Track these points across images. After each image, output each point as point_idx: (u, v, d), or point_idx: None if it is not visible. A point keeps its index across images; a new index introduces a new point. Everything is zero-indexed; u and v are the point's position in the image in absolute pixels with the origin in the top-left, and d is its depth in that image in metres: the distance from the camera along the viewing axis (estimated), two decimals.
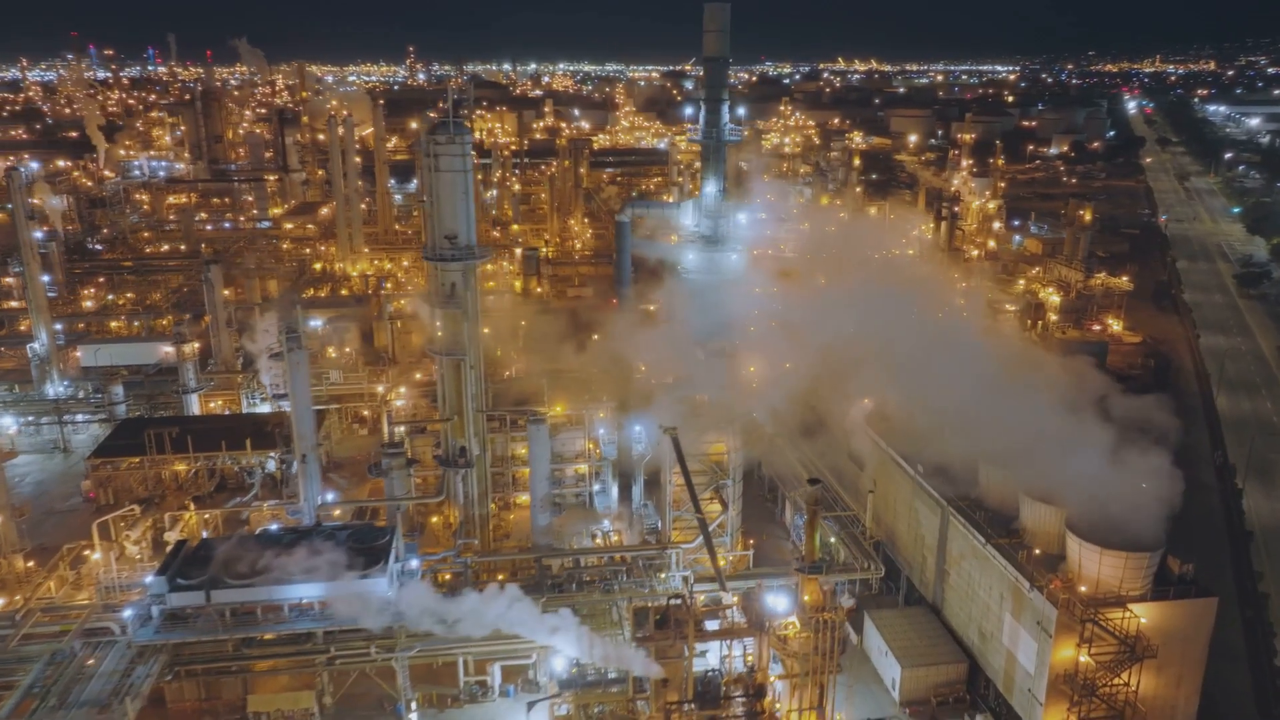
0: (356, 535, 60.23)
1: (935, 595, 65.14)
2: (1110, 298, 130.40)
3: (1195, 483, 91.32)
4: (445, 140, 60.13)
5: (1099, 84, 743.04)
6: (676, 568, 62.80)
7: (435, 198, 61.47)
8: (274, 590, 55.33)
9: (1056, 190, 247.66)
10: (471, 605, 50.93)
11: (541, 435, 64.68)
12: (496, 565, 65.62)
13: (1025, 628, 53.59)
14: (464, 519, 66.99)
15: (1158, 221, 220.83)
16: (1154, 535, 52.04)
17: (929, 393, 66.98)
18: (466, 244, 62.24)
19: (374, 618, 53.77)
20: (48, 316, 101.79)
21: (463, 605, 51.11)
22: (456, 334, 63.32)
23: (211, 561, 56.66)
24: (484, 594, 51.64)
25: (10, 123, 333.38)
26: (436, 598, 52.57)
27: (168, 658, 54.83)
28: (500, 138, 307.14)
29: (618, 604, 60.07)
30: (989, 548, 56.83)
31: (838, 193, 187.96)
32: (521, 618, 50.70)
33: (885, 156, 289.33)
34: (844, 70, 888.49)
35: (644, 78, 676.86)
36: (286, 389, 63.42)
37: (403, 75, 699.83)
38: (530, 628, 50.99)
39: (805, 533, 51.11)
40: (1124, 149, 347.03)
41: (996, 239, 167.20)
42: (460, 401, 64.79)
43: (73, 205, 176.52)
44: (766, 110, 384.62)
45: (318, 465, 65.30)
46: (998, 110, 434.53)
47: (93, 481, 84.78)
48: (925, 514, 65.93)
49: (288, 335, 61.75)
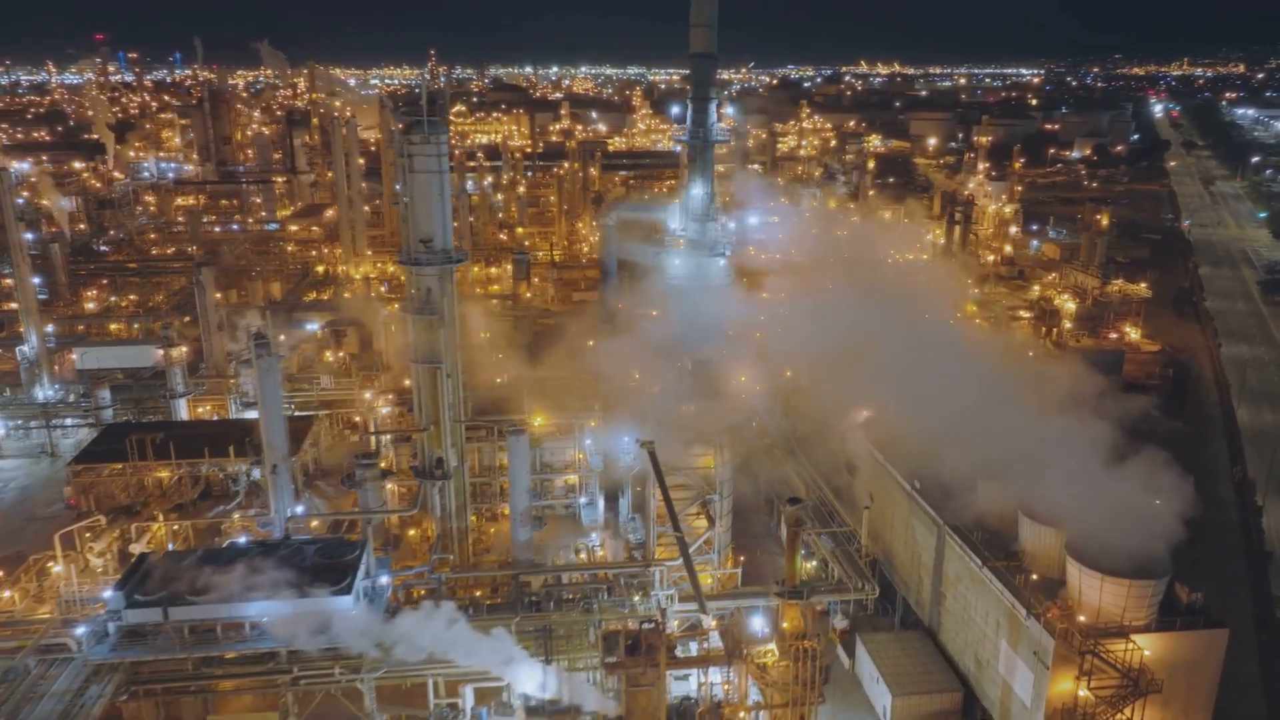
0: (325, 550, 57.91)
1: (931, 618, 62.10)
2: (1128, 305, 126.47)
3: (1212, 499, 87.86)
4: (420, 140, 57.82)
5: (1125, 87, 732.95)
6: (660, 586, 60.15)
7: (410, 199, 59.16)
8: (234, 608, 53.00)
9: (1077, 194, 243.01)
10: (406, 628, 48.15)
11: (521, 447, 62.19)
12: (473, 582, 63.40)
13: (1022, 657, 50.53)
14: (441, 533, 64.56)
15: (1180, 226, 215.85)
16: (1160, 561, 48.84)
17: (927, 404, 64.01)
18: (443, 248, 59.89)
19: (341, 638, 51.49)
20: (38, 319, 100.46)
21: (397, 627, 48.44)
22: (432, 341, 60.98)
23: (171, 576, 54.57)
24: (418, 615, 48.88)
25: (33, 124, 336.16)
26: (371, 618, 50.01)
27: (125, 676, 52.70)
28: (515, 140, 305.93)
29: (595, 624, 57.68)
30: (985, 570, 53.80)
31: (851, 196, 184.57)
32: (458, 642, 47.68)
33: (903, 160, 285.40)
34: (866, 74, 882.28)
35: (665, 80, 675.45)
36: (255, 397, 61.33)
37: (425, 78, 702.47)
38: (468, 653, 47.97)
39: (785, 555, 48.26)
40: (1148, 153, 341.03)
41: (1013, 244, 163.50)
42: (437, 411, 62.40)
43: (81, 206, 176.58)
44: (785, 114, 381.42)
45: (289, 476, 63.09)
46: (1020, 113, 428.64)
47: (74, 488, 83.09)
48: (921, 532, 62.92)
49: (256, 342, 59.60)
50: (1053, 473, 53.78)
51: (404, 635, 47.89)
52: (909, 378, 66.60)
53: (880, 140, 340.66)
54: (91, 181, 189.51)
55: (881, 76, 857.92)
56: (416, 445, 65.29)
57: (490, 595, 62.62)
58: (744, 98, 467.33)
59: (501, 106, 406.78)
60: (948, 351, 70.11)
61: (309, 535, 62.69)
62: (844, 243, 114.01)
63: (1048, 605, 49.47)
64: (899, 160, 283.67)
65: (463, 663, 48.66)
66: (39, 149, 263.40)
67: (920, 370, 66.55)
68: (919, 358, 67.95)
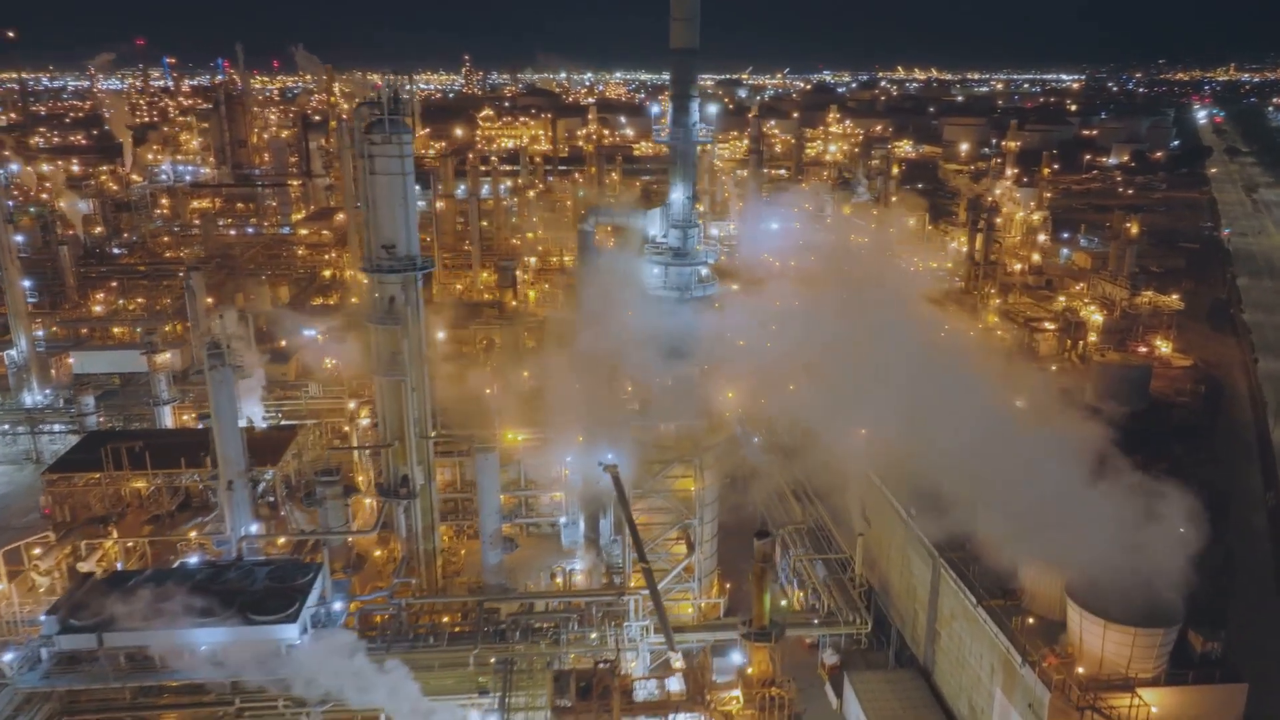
0: (277, 573, 54.61)
1: (926, 657, 57.58)
2: (1158, 317, 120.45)
3: (1243, 528, 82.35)
4: (381, 139, 54.42)
5: (1168, 93, 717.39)
6: (636, 617, 56.32)
7: (371, 203, 55.83)
8: (172, 635, 49.86)
9: (1111, 201, 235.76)
10: (301, 660, 44.48)
11: (490, 466, 58.67)
12: (442, 607, 59.99)
13: (1016, 708, 45.99)
14: (406, 555, 61.12)
15: (1220, 235, 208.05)
16: (1171, 607, 44.13)
17: (928, 422, 59.52)
18: (406, 254, 56.49)
19: (274, 670, 48.13)
20: (28, 323, 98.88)
21: (293, 660, 44.84)
22: (395, 353, 57.57)
23: (111, 599, 51.60)
24: (316, 646, 45.24)
25: (71, 129, 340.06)
26: (270, 648, 46.51)
27: (58, 705, 49.84)
28: (541, 145, 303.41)
29: (562, 658, 53.98)
30: (979, 609, 49.32)
31: (874, 202, 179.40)
32: (353, 675, 43.66)
33: (931, 165, 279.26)
34: (902, 79, 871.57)
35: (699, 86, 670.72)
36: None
37: (460, 83, 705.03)
38: (365, 689, 43.96)
39: (753, 593, 44.21)
40: (1189, 159, 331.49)
41: (1042, 252, 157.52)
42: (402, 426, 58.99)
43: (98, 209, 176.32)
44: (816, 119, 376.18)
45: (246, 493, 60.00)
46: (1057, 119, 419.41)
47: (49, 498, 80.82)
48: (918, 563, 58.47)
49: (209, 352, 56.56)
50: (1057, 502, 49.20)
51: (300, 668, 44.09)
52: (910, 393, 62.09)
53: (911, 145, 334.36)
54: (109, 184, 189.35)
55: (918, 82, 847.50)
56: (381, 461, 61.93)
57: (462, 622, 59.20)
58: (777, 103, 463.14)
59: (531, 111, 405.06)
60: (953, 366, 65.59)
61: (264, 556, 59.45)
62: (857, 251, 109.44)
63: (1044, 652, 44.97)
64: (928, 166, 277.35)
65: (356, 704, 44.68)
66: (74, 152, 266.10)
67: (922, 386, 62.05)
68: (922, 372, 63.42)
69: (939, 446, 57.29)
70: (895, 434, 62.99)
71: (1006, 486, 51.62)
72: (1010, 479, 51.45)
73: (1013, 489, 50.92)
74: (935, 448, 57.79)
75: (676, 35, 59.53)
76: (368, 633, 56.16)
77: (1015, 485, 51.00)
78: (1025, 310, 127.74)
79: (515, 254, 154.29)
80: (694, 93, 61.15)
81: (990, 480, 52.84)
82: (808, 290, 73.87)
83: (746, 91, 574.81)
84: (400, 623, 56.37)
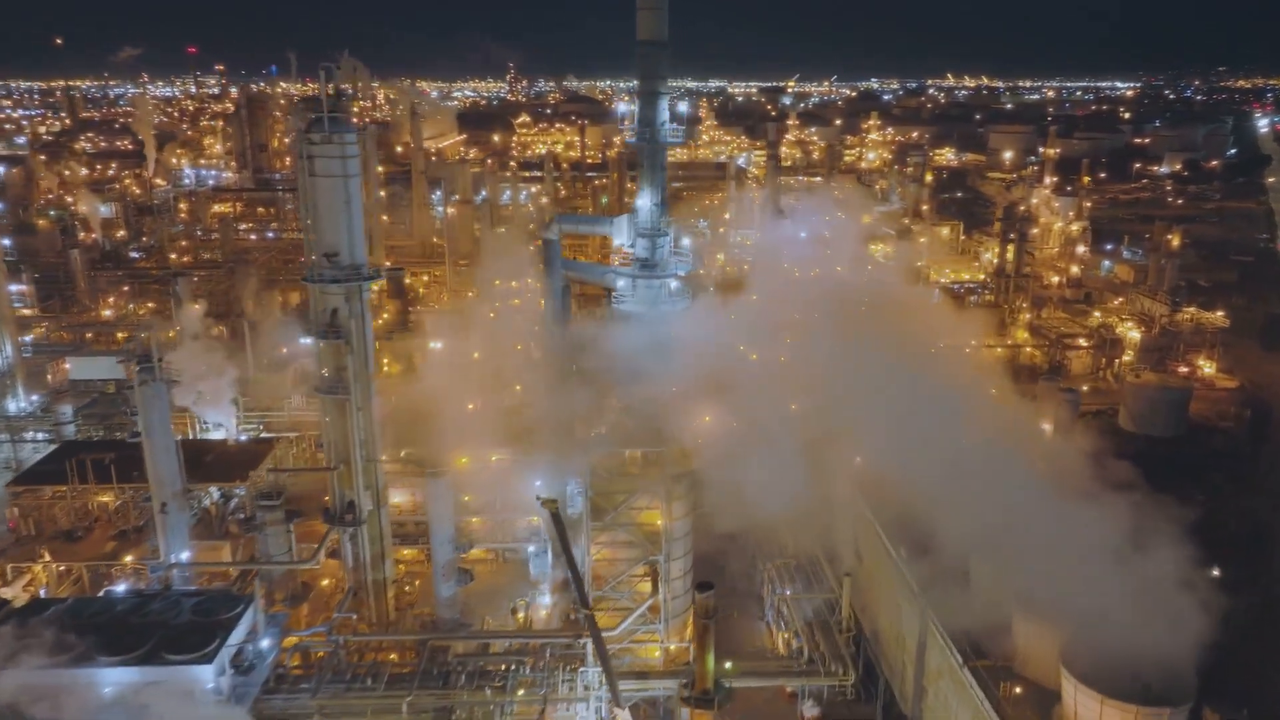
0: (203, 605, 50.65)
1: (914, 715, 51.81)
2: (1201, 334, 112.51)
3: None
4: (320, 139, 50.27)
5: (1227, 100, 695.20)
6: (592, 662, 51.37)
7: (312, 208, 51.68)
8: (77, 675, 46.00)
9: (1159, 211, 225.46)
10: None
11: (442, 491, 54.19)
12: (391, 644, 55.53)
13: None
14: (353, 586, 56.74)
15: (1276, 248, 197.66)
16: (1182, 681, 38.12)
17: (924, 455, 53.83)
18: (351, 263, 52.24)
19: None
20: (13, 329, 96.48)
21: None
22: (339, 369, 53.30)
23: (18, 632, 47.82)
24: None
25: (119, 134, 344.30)
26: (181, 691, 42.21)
27: None
28: (574, 151, 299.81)
29: (507, 706, 49.28)
30: (965, 671, 43.58)
31: (908, 212, 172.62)
32: None
33: (967, 174, 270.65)
34: (951, 86, 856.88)
35: (742, 93, 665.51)
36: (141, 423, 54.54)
37: (504, 90, 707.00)
38: None
39: (694, 652, 38.96)
40: (1245, 168, 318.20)
41: (1081, 264, 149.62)
42: (347, 448, 54.67)
43: (119, 212, 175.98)
44: (859, 126, 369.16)
45: (181, 517, 56.04)
46: (1109, 126, 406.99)
47: (14, 510, 77.93)
48: (907, 611, 52.72)
49: (140, 365, 52.74)
50: (1059, 554, 43.33)
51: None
52: (905, 422, 56.43)
53: (954, 153, 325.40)
54: (132, 188, 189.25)
55: (967, 89, 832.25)
56: (327, 486, 57.70)
57: (411, 661, 54.64)
58: (821, 110, 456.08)
59: (571, 118, 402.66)
60: (957, 391, 59.79)
61: (191, 587, 55.42)
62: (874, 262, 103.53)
63: None
64: (967, 174, 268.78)
65: None
66: (113, 157, 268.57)
67: (920, 414, 56.34)
68: (920, 398, 57.70)
69: (932, 479, 51.79)
70: (890, 463, 57.54)
71: (1001, 530, 45.97)
72: (1005, 521, 45.81)
73: (1007, 533, 45.25)
74: (929, 480, 52.29)
75: (644, 25, 54.51)
76: (304, 671, 52.08)
77: (1010, 529, 45.33)
78: (1058, 326, 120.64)
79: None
80: (663, 89, 56.06)
81: (984, 520, 47.24)
82: (806, 305, 68.48)
83: (790, 99, 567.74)
84: (338, 661, 52.01)
